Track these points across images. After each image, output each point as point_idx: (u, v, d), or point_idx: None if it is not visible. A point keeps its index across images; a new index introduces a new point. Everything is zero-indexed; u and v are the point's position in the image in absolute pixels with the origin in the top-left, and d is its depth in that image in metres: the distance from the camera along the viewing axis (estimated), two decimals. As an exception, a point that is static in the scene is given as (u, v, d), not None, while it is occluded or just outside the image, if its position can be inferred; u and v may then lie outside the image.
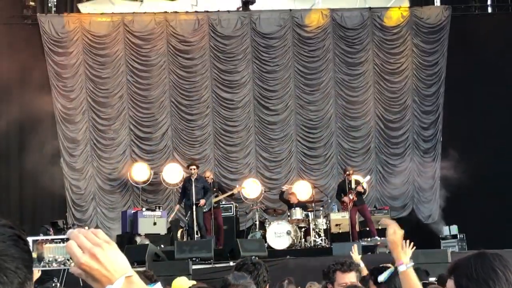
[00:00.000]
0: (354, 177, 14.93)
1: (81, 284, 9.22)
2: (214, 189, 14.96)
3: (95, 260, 1.45)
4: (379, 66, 17.74)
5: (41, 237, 1.41)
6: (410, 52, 17.79)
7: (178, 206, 14.83)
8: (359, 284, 4.77)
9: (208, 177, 14.86)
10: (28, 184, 16.15)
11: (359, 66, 17.79)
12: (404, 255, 3.11)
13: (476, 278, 2.31)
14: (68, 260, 1.44)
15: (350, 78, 17.80)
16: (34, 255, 1.35)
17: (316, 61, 17.78)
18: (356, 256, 7.06)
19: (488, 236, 13.44)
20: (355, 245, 7.97)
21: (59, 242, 1.42)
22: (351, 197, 14.63)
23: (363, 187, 14.75)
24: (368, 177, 15.59)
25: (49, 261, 1.41)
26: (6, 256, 1.25)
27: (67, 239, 1.43)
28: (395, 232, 3.17)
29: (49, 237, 1.40)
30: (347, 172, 14.91)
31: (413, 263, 3.10)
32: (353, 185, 14.69)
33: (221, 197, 15.22)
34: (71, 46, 16.83)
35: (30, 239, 1.36)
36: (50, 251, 1.41)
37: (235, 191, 15.55)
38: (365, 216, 15.00)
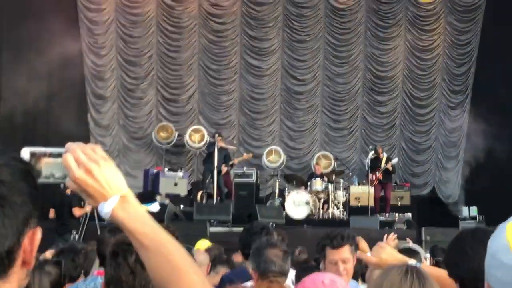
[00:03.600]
0: (384, 155, 15.07)
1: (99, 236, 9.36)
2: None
3: (90, 176, 1.42)
4: (410, 42, 17.56)
5: (39, 150, 1.40)
6: (443, 30, 17.56)
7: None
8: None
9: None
10: (54, 137, 16.27)
11: (390, 41, 17.62)
12: (403, 260, 2.76)
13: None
14: (66, 176, 1.43)
15: (380, 53, 17.65)
16: None
17: (347, 33, 17.64)
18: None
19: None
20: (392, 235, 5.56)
21: (58, 157, 1.41)
22: (378, 175, 14.75)
23: (393, 166, 14.85)
24: (395, 160, 15.62)
25: (46, 176, 1.41)
26: (14, 189, 1.20)
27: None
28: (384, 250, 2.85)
29: (48, 150, 1.40)
30: (378, 151, 14.97)
31: (418, 263, 2.72)
32: (383, 164, 14.80)
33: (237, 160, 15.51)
34: (104, 3, 16.87)
35: (27, 150, 1.37)
36: (49, 165, 1.41)
37: (243, 158, 15.69)
38: (386, 193, 15.07)
